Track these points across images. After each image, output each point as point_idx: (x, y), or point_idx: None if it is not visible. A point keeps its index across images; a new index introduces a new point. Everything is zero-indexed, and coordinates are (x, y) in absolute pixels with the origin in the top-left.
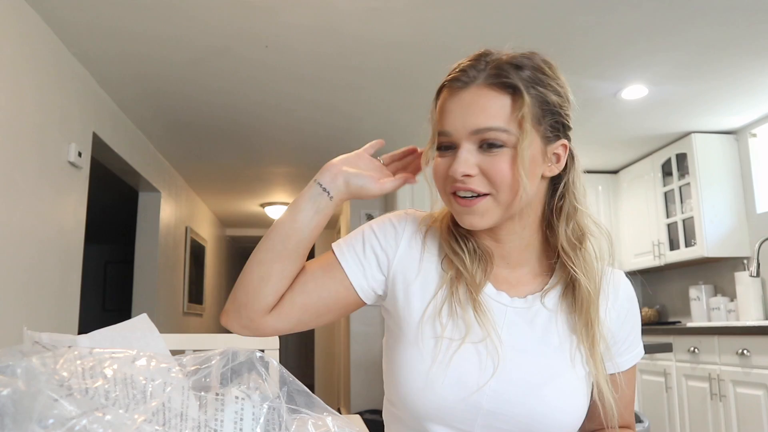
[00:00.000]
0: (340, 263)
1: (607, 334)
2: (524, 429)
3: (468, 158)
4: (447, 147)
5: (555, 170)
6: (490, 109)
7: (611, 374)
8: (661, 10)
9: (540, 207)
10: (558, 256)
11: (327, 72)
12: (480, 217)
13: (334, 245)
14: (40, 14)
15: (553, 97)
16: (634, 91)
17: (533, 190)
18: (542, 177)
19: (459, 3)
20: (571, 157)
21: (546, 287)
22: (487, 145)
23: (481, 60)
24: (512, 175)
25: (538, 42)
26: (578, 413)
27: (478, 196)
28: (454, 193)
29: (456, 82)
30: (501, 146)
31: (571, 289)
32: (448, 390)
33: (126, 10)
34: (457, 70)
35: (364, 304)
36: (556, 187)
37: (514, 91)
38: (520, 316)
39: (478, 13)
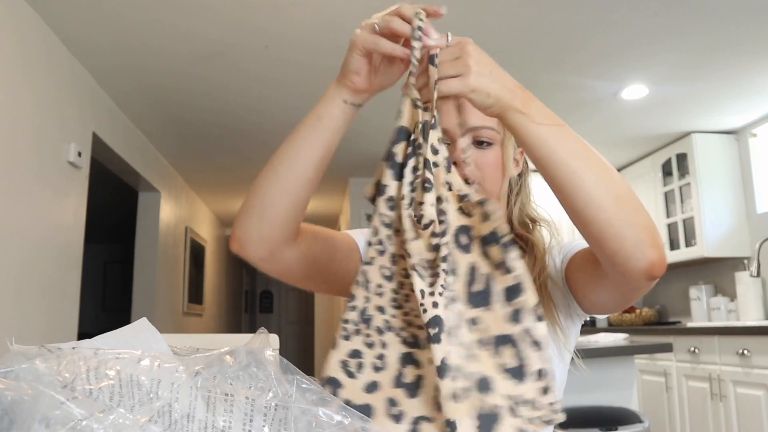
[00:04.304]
0: (346, 233)
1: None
2: None
3: (465, 148)
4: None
5: (516, 171)
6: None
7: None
8: (661, 10)
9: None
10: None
11: (327, 71)
12: None
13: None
14: (39, 13)
15: None
16: (635, 91)
17: (507, 182)
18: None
19: (459, 2)
20: (526, 162)
21: None
22: (478, 143)
23: None
24: (498, 167)
25: (538, 42)
26: None
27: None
28: None
29: None
30: (491, 144)
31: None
32: None
33: (126, 9)
34: None
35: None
36: (511, 184)
37: None
38: None
39: (478, 12)
